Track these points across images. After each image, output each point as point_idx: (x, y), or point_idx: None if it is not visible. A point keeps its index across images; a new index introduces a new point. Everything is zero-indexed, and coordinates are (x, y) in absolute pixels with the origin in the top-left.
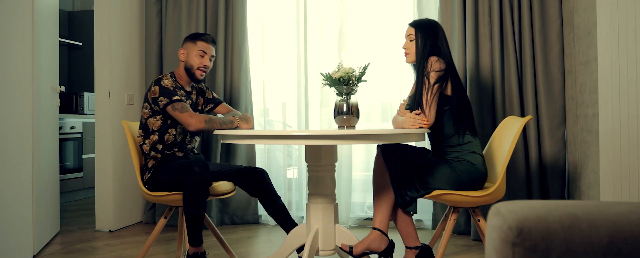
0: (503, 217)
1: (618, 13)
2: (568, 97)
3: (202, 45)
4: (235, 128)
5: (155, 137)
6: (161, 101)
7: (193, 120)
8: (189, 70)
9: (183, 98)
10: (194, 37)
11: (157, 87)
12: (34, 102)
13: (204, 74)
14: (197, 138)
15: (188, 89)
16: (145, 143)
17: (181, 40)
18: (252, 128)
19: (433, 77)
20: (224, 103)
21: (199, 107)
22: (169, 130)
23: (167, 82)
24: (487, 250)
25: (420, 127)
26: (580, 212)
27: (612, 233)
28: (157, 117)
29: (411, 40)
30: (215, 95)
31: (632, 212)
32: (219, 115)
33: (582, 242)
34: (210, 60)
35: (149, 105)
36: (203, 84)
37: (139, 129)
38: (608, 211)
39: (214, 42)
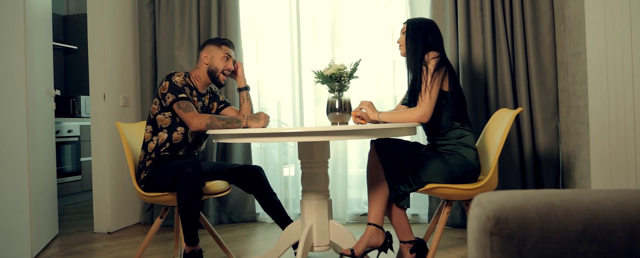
0: (483, 207)
1: (604, 4)
2: (561, 89)
3: (226, 49)
4: (245, 127)
5: (164, 135)
6: (168, 97)
7: (195, 121)
8: (213, 73)
9: (190, 96)
10: (217, 42)
11: (167, 83)
12: (29, 106)
13: (226, 77)
14: (203, 144)
15: (202, 91)
16: (152, 140)
17: (175, 42)
18: (266, 126)
19: (431, 65)
20: (232, 106)
21: (213, 111)
22: (178, 128)
23: (178, 79)
24: (468, 240)
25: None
26: (557, 200)
27: (587, 220)
28: (166, 114)
29: (403, 33)
30: (226, 99)
31: (607, 198)
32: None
33: (557, 230)
34: (233, 63)
35: (159, 101)
36: (216, 89)
37: (147, 124)
38: (584, 199)
39: (234, 47)
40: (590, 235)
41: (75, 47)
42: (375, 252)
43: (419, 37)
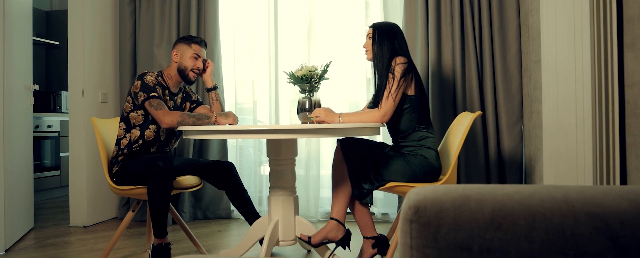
0: (409, 198)
1: (556, 16)
2: (525, 94)
3: (196, 48)
4: (213, 124)
5: (137, 132)
6: (140, 96)
7: (166, 119)
8: (182, 72)
9: (161, 95)
10: (188, 40)
11: (139, 82)
12: (5, 100)
13: (196, 75)
14: (176, 142)
15: (174, 90)
16: (126, 137)
17: (154, 40)
18: (235, 123)
19: (398, 71)
20: (204, 105)
21: (185, 110)
22: (150, 126)
23: (149, 78)
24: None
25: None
26: (473, 193)
27: (495, 210)
28: (139, 112)
29: (370, 38)
30: (198, 98)
31: (517, 192)
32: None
33: (468, 218)
34: (203, 62)
35: (132, 99)
36: (189, 89)
37: (121, 121)
38: (497, 192)
39: (206, 45)
40: (496, 223)
41: (58, 43)
42: (334, 244)
43: (386, 42)
